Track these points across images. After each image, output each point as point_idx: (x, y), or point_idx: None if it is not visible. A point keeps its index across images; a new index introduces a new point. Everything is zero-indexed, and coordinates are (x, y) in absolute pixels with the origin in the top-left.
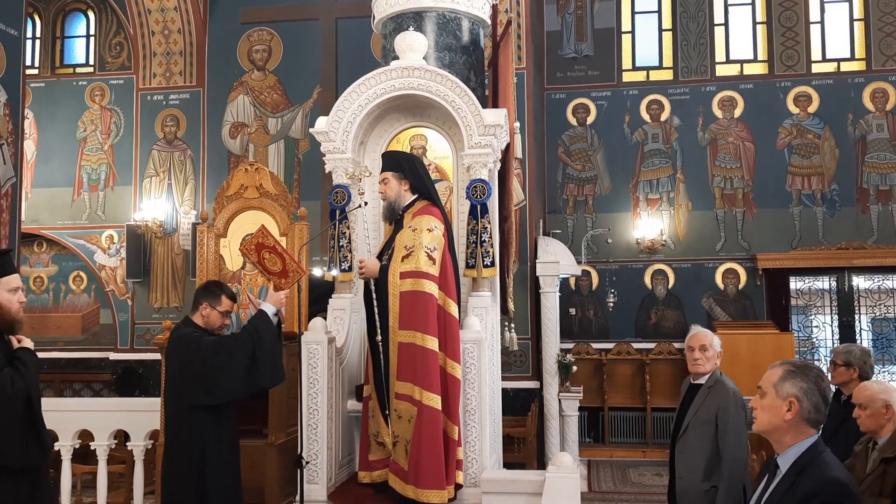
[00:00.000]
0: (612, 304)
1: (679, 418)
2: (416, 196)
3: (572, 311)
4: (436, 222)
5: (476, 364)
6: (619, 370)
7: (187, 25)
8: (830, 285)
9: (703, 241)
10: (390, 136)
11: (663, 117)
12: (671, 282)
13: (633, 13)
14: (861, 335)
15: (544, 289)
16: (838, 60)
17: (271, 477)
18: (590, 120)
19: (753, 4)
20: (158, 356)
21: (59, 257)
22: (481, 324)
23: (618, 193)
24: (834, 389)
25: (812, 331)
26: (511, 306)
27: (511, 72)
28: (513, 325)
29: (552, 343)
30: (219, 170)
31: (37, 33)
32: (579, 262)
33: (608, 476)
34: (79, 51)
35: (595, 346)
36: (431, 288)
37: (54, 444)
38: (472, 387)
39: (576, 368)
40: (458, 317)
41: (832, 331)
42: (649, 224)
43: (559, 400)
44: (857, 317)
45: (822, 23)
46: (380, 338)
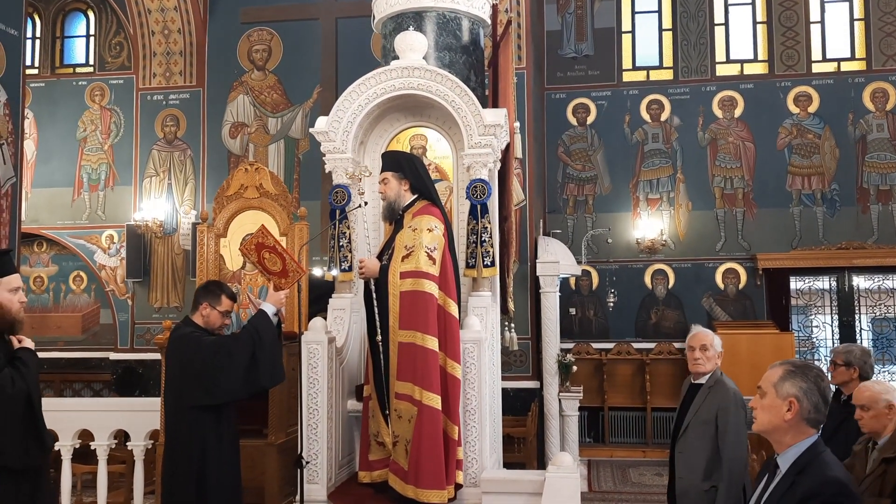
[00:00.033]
0: (612, 304)
1: (679, 418)
2: (416, 196)
3: (572, 310)
4: (436, 222)
5: (476, 364)
6: (619, 370)
7: (187, 25)
8: (830, 285)
9: (703, 241)
10: (390, 136)
11: (663, 117)
12: (671, 282)
13: (634, 13)
14: (861, 335)
15: (544, 289)
16: (838, 60)
17: (271, 477)
18: (590, 120)
19: (753, 4)
20: (158, 356)
21: (59, 257)
22: (481, 324)
23: (618, 193)
24: (834, 389)
25: (812, 331)
26: (511, 306)
27: (511, 72)
28: (513, 325)
29: (552, 343)
30: (219, 170)
31: (37, 33)
32: (579, 262)
33: (608, 476)
34: (79, 51)
35: (595, 345)
36: (431, 288)
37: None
38: (472, 387)
39: (576, 368)
40: (458, 317)
41: (832, 331)
42: (649, 224)
43: (559, 400)
44: (857, 317)
45: (822, 23)
46: (380, 338)
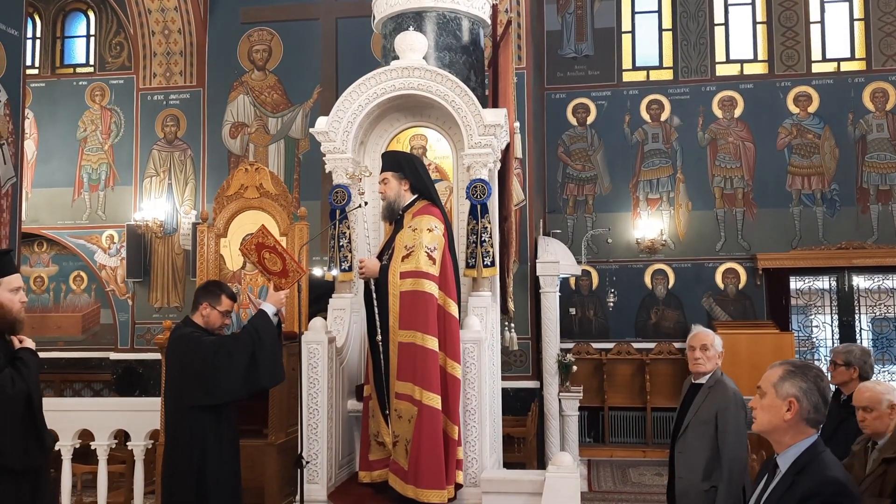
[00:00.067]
0: (612, 304)
1: (679, 418)
2: (416, 196)
3: (572, 310)
4: (436, 222)
5: (476, 364)
6: (619, 370)
7: (187, 25)
8: (830, 285)
9: (703, 240)
10: (390, 136)
11: (663, 117)
12: (671, 282)
13: (633, 13)
14: (861, 335)
15: (544, 289)
16: (838, 60)
17: (271, 477)
18: (590, 120)
19: (753, 4)
20: (159, 356)
21: (59, 257)
22: (481, 324)
23: (618, 193)
24: (833, 389)
25: (812, 331)
26: (511, 306)
27: (511, 72)
28: (513, 325)
29: (552, 343)
30: (219, 170)
31: (37, 33)
32: (579, 262)
33: (608, 476)
34: (79, 51)
35: (595, 345)
36: (431, 288)
37: (55, 444)
38: (472, 387)
39: (576, 368)
40: (458, 317)
41: (832, 331)
42: (649, 224)
43: (559, 400)
44: (857, 317)
45: (822, 23)
46: (380, 337)
